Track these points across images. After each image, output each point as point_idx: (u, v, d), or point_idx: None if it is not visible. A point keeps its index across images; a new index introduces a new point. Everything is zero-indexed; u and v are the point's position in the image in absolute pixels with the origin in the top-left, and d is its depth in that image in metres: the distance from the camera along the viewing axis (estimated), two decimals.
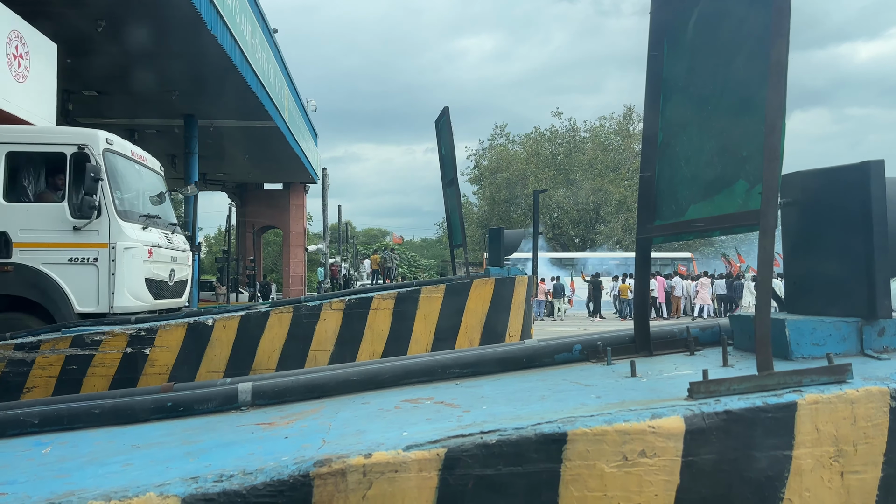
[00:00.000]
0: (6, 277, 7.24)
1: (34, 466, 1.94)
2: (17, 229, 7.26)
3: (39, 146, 7.63)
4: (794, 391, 2.00)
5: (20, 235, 7.27)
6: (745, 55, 2.32)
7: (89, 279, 7.30)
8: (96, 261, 7.36)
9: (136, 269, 7.44)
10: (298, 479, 1.68)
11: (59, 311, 7.12)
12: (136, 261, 7.45)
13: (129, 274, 7.38)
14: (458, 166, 7.58)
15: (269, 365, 5.76)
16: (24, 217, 7.33)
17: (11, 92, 8.14)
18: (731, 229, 2.38)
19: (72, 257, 7.28)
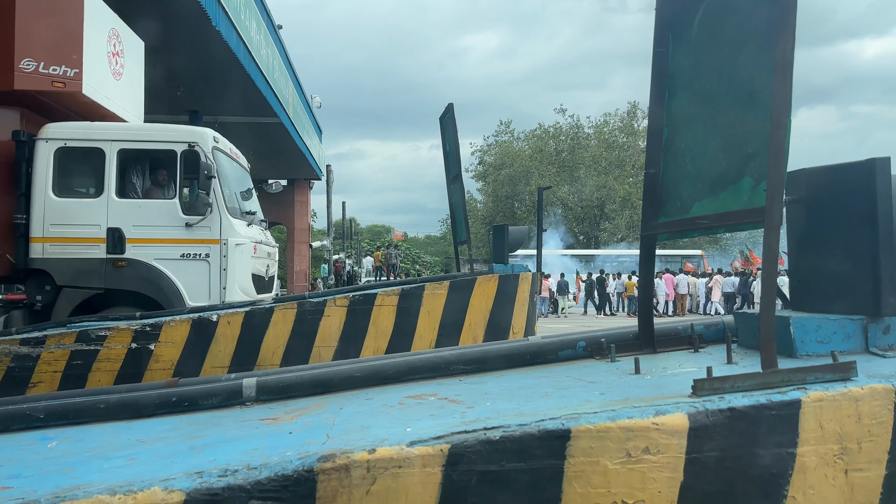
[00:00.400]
0: (121, 273, 7.42)
1: (40, 460, 1.95)
2: (130, 225, 7.43)
3: (150, 143, 7.78)
4: (798, 389, 2.00)
5: (133, 231, 7.44)
6: (750, 51, 2.31)
7: (201, 275, 7.47)
8: (208, 256, 7.52)
9: (245, 265, 7.61)
10: (303, 474, 1.68)
11: (171, 307, 7.26)
12: (245, 257, 7.62)
13: (240, 269, 7.55)
14: (462, 163, 7.58)
15: (273, 361, 5.78)
16: (136, 214, 7.50)
17: (111, 89, 8.27)
18: (736, 226, 2.38)
19: (184, 253, 7.45)
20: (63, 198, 7.50)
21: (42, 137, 7.54)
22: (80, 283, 7.37)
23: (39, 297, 7.35)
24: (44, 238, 7.41)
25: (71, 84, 7.46)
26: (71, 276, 7.36)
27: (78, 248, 7.42)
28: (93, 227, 7.45)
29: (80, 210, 7.52)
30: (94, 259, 7.40)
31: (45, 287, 7.36)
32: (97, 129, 7.76)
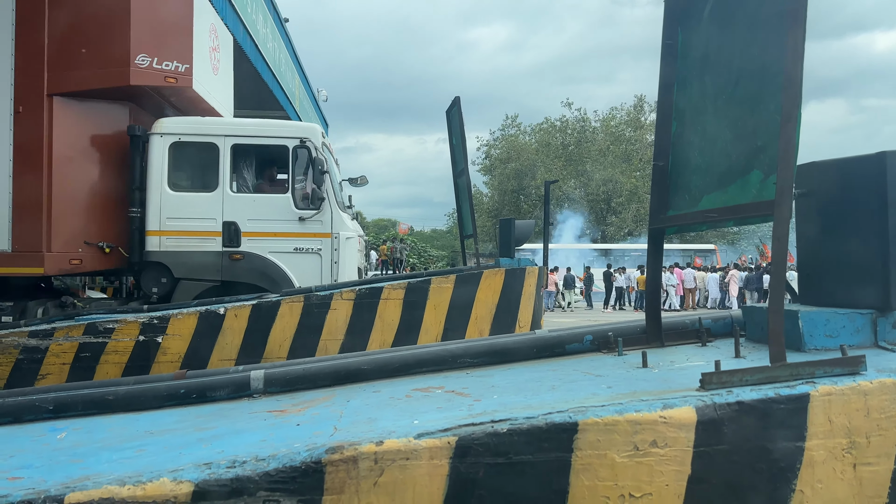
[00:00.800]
0: (237, 265, 7.56)
1: (49, 451, 1.96)
2: (245, 219, 7.56)
3: (262, 139, 7.88)
4: (806, 383, 1.99)
5: (248, 225, 7.57)
6: (760, 43, 2.29)
7: (313, 268, 7.57)
8: (320, 250, 7.63)
9: (354, 258, 7.77)
10: (311, 465, 1.69)
11: None
12: (353, 250, 7.80)
13: (349, 262, 7.72)
14: (469, 156, 7.56)
15: (280, 354, 5.79)
16: (251, 208, 7.64)
17: (212, 84, 8.39)
18: (745, 220, 2.37)
19: (297, 247, 7.57)
20: (178, 192, 7.65)
21: (157, 132, 7.69)
22: (198, 276, 7.54)
23: (156, 289, 7.51)
24: (160, 231, 7.56)
25: (182, 79, 7.60)
26: (189, 268, 7.54)
27: (194, 242, 7.58)
28: (209, 220, 7.60)
29: (195, 204, 7.67)
30: (210, 252, 7.56)
31: (162, 279, 7.53)
32: (211, 124, 7.94)
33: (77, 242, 7.30)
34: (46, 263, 7.04)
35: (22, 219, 7.06)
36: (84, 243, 7.32)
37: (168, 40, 7.53)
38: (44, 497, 1.56)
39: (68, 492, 1.58)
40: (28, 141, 7.12)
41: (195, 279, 7.51)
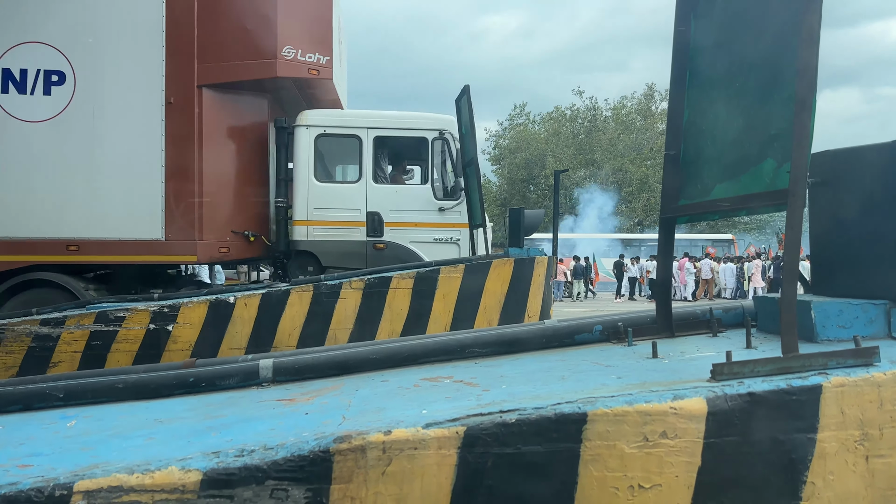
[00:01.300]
0: (380, 255, 7.77)
1: (59, 439, 1.97)
2: (388, 210, 7.78)
3: (403, 131, 8.07)
4: (819, 374, 1.97)
5: (390, 216, 7.79)
6: (774, 30, 2.26)
7: (451, 257, 7.67)
8: (458, 240, 7.87)
9: (483, 248, 7.76)
10: (319, 454, 1.68)
11: None
12: (482, 240, 7.79)
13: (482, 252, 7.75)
14: (478, 145, 7.54)
15: (289, 343, 5.81)
16: (393, 198, 7.86)
17: (339, 75, 8.56)
18: (758, 209, 2.34)
19: (436, 237, 7.80)
20: (324, 183, 7.86)
21: (302, 124, 7.88)
22: (344, 265, 7.73)
23: (303, 277, 7.65)
24: (308, 221, 7.79)
25: (324, 71, 7.79)
26: (336, 257, 7.76)
27: (340, 231, 7.80)
28: (353, 210, 7.81)
29: (340, 195, 7.89)
30: (355, 242, 7.78)
31: (309, 268, 7.79)
32: (354, 116, 8.11)
33: (225, 231, 7.55)
34: (199, 252, 7.32)
35: (175, 208, 7.29)
36: (231, 232, 7.51)
37: (311, 32, 7.72)
38: (53, 485, 1.57)
39: (77, 480, 1.58)
40: (179, 131, 7.33)
41: (342, 267, 7.71)
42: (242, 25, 7.56)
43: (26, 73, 7.21)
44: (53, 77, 7.25)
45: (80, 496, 1.57)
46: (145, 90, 7.27)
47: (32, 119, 7.21)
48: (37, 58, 7.21)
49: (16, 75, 7.21)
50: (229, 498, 1.63)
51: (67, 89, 7.24)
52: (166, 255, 7.35)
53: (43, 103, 7.23)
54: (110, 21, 7.37)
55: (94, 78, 7.28)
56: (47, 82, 7.25)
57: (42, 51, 7.22)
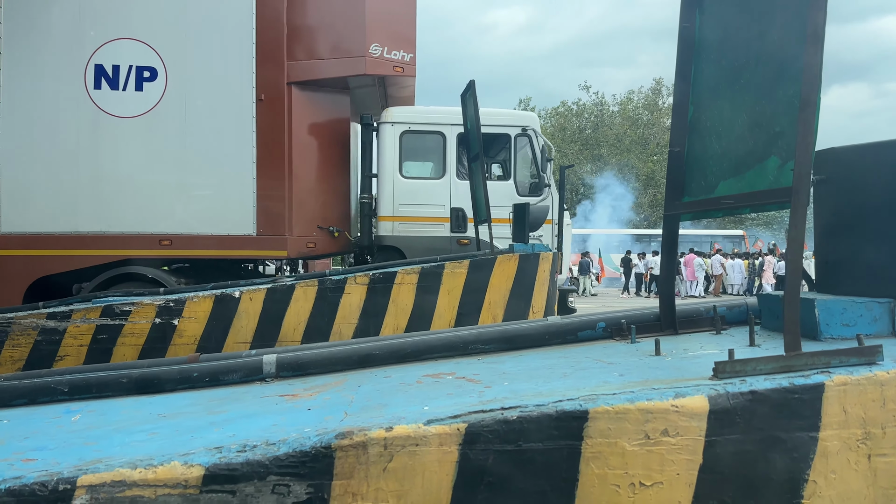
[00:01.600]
0: (464, 250, 7.84)
1: (64, 433, 1.98)
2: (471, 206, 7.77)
3: (486, 128, 7.96)
4: (821, 372, 1.97)
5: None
6: (779, 27, 2.25)
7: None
8: (541, 237, 7.96)
9: (570, 244, 7.80)
10: (320, 450, 1.69)
11: None
12: (569, 236, 7.82)
13: (568, 248, 7.78)
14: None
15: (294, 337, 5.82)
16: None
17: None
18: (762, 207, 2.33)
19: None
20: (409, 179, 7.99)
21: (388, 121, 8.02)
22: None
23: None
24: (393, 217, 7.93)
25: (408, 69, 7.88)
26: (421, 252, 7.78)
27: (425, 227, 7.95)
28: (437, 206, 7.95)
29: (425, 191, 8.01)
30: (440, 237, 7.92)
31: None
32: (438, 113, 8.26)
33: (312, 226, 7.67)
34: (289, 247, 7.42)
35: (266, 203, 7.42)
36: (317, 227, 7.59)
37: (396, 30, 7.82)
38: (56, 479, 1.58)
39: (81, 474, 1.59)
40: (269, 129, 7.45)
41: None
42: (331, 23, 7.69)
43: (118, 69, 7.32)
44: (145, 73, 7.37)
45: (84, 490, 1.58)
46: (236, 87, 7.38)
47: (125, 115, 7.33)
48: (129, 54, 7.33)
49: (108, 71, 7.33)
50: (231, 493, 1.64)
51: (159, 85, 7.36)
52: (257, 251, 7.48)
53: (135, 99, 7.35)
54: (202, 18, 7.49)
55: (185, 74, 7.39)
56: (139, 78, 7.37)
57: (134, 47, 7.33)
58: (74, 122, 7.34)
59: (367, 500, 1.73)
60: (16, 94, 7.28)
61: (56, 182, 7.32)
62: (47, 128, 7.34)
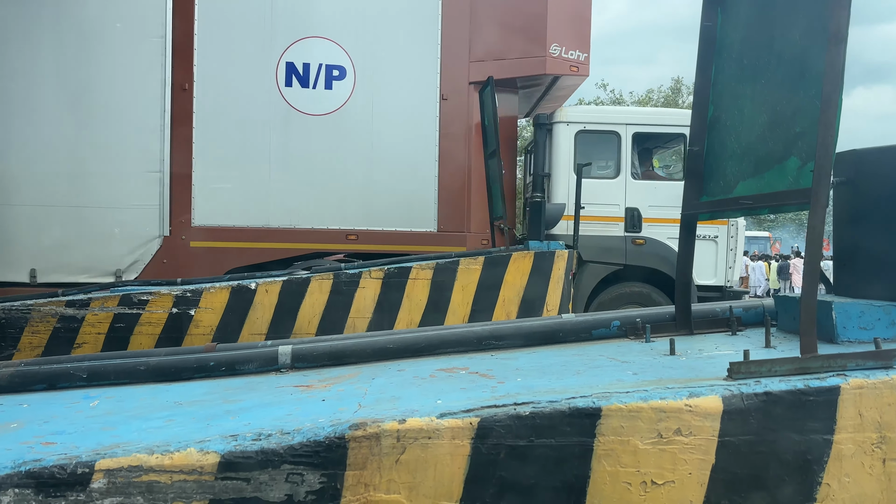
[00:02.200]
0: (639, 250, 8.05)
1: (82, 418, 2.02)
2: (647, 205, 8.01)
3: (659, 127, 8.37)
4: (837, 375, 1.95)
5: (649, 211, 8.01)
6: (802, 27, 2.23)
7: (709, 255, 8.00)
8: (716, 238, 8.05)
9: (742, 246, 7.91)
10: (334, 440, 1.71)
11: None
12: (742, 238, 7.94)
13: (741, 250, 7.89)
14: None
15: (309, 330, 5.86)
16: (652, 194, 8.09)
17: None
18: (780, 207, 2.32)
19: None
20: (584, 178, 7.98)
21: (563, 121, 8.15)
22: (604, 259, 8.02)
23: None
24: (568, 216, 7.96)
25: (582, 69, 8.05)
26: (596, 252, 7.97)
27: (600, 226, 8.02)
28: (612, 206, 8.05)
29: (600, 190, 8.05)
30: (615, 237, 8.01)
31: None
32: (613, 112, 8.91)
33: (486, 223, 7.72)
34: (468, 243, 7.65)
35: (447, 201, 7.66)
36: (490, 224, 7.74)
37: (573, 29, 7.98)
38: (75, 462, 1.61)
39: (99, 458, 1.62)
40: (452, 127, 7.68)
41: (601, 262, 8.00)
42: (513, 23, 7.82)
43: (309, 67, 7.53)
44: (335, 72, 7.58)
45: (101, 474, 1.60)
46: (421, 86, 7.57)
47: (314, 112, 7.54)
48: (319, 53, 7.54)
49: (299, 69, 7.55)
50: (246, 481, 1.66)
51: (348, 84, 7.56)
52: (438, 247, 7.59)
53: (324, 97, 7.56)
54: (389, 17, 7.66)
55: (372, 73, 7.58)
56: (329, 77, 7.58)
57: (324, 46, 7.54)
58: (266, 119, 7.56)
59: (379, 490, 1.74)
60: (209, 90, 7.49)
61: (247, 177, 7.55)
62: (239, 124, 7.56)
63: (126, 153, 7.38)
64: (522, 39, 7.78)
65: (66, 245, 7.26)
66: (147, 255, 7.35)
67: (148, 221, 7.37)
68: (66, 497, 1.59)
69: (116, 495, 1.61)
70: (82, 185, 7.33)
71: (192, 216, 7.48)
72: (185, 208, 7.48)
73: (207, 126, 7.47)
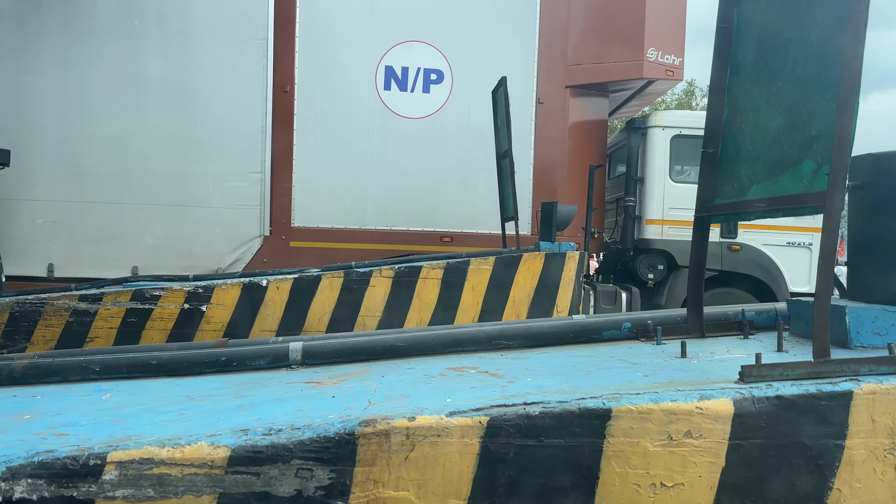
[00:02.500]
0: (735, 256, 8.08)
1: (95, 411, 2.03)
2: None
3: None
4: (850, 380, 1.94)
5: None
6: (819, 29, 2.21)
7: (802, 262, 8.02)
8: (811, 245, 8.06)
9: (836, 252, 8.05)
10: (344, 437, 1.71)
11: (779, 291, 7.93)
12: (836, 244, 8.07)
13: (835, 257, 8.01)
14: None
15: (319, 327, 5.87)
16: None
17: None
18: (795, 211, 2.30)
19: (789, 241, 8.02)
20: (679, 183, 8.10)
21: (658, 125, 8.21)
22: None
23: (652, 275, 8.10)
24: (663, 221, 8.11)
25: (677, 73, 8.13)
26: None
27: None
28: None
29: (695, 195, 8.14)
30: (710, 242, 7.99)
31: (659, 266, 8.13)
32: None
33: (577, 228, 7.88)
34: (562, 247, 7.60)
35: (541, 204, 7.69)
36: (581, 228, 7.79)
37: (669, 34, 8.06)
38: (87, 454, 1.62)
39: (111, 450, 1.63)
40: (547, 131, 7.80)
41: None
42: (611, 28, 7.89)
43: (407, 70, 7.66)
44: (432, 76, 7.70)
45: (113, 466, 1.62)
46: (518, 90, 7.51)
47: (412, 115, 7.66)
48: (418, 56, 7.67)
49: (398, 73, 7.68)
50: (256, 475, 1.67)
51: (445, 87, 7.68)
52: None
53: (422, 101, 7.68)
54: (487, 21, 7.74)
55: (469, 76, 7.66)
56: (427, 80, 7.71)
57: (423, 50, 7.67)
58: (364, 122, 7.68)
59: (388, 487, 1.74)
60: (310, 92, 7.64)
61: (346, 178, 7.69)
62: (338, 126, 7.69)
63: (228, 154, 7.57)
64: (620, 43, 7.83)
65: (168, 243, 7.46)
66: (248, 254, 7.56)
67: (249, 221, 7.56)
68: (78, 488, 1.61)
69: (128, 487, 1.62)
70: (185, 185, 7.54)
71: (292, 217, 7.67)
72: (285, 209, 7.66)
73: (308, 128, 7.63)
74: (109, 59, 7.41)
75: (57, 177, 7.39)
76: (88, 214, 7.41)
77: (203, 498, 1.65)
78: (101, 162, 7.42)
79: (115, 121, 7.40)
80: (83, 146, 7.42)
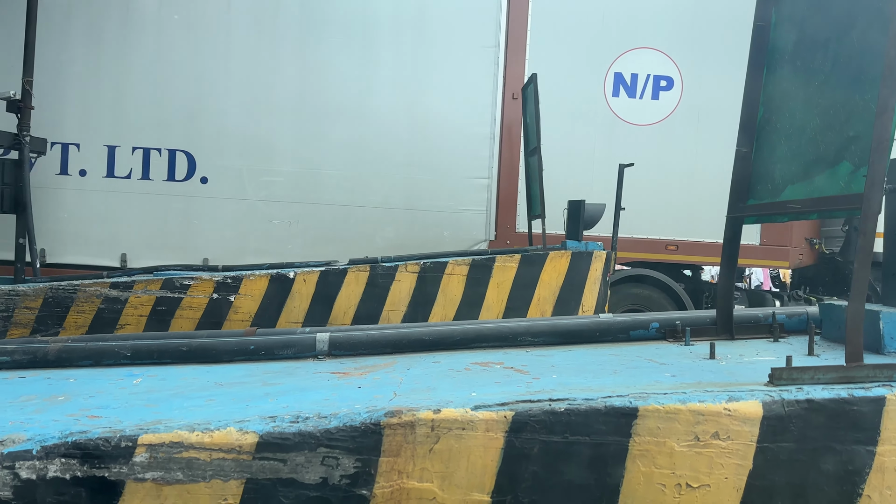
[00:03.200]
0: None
1: (126, 395, 2.07)
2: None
3: None
4: (883, 385, 1.91)
5: None
6: (859, 29, 2.17)
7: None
8: None
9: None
10: (370, 426, 1.73)
11: None
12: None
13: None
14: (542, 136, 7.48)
15: (344, 320, 5.91)
16: None
17: None
18: (830, 213, 2.27)
19: None
20: None
21: None
22: None
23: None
24: None
25: None
26: None
27: None
28: None
29: None
30: None
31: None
32: None
33: (801, 238, 7.89)
34: (790, 257, 7.72)
35: None
36: (804, 239, 7.87)
37: None
38: (119, 436, 1.65)
39: (142, 433, 1.67)
40: None
41: None
42: None
43: (636, 77, 7.71)
44: (662, 82, 7.72)
45: (144, 448, 1.65)
46: None
47: (640, 122, 7.70)
48: (647, 63, 7.70)
49: (627, 80, 7.72)
50: (282, 461, 1.69)
51: (674, 94, 7.69)
52: (760, 260, 7.80)
53: (650, 108, 7.72)
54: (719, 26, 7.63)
55: (700, 82, 7.65)
56: (656, 87, 7.73)
57: (653, 56, 7.69)
58: (590, 128, 7.76)
59: (412, 478, 1.75)
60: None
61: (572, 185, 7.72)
62: (566, 133, 7.74)
63: (457, 159, 7.73)
64: None
65: (398, 247, 7.56)
66: None
67: (475, 226, 7.75)
68: (110, 469, 1.64)
69: (157, 469, 1.65)
70: (415, 189, 7.76)
71: (516, 222, 7.80)
72: (510, 214, 7.79)
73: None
74: (345, 62, 7.66)
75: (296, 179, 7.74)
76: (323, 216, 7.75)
77: (230, 483, 1.68)
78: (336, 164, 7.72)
79: (350, 124, 7.65)
80: (321, 148, 7.72)
